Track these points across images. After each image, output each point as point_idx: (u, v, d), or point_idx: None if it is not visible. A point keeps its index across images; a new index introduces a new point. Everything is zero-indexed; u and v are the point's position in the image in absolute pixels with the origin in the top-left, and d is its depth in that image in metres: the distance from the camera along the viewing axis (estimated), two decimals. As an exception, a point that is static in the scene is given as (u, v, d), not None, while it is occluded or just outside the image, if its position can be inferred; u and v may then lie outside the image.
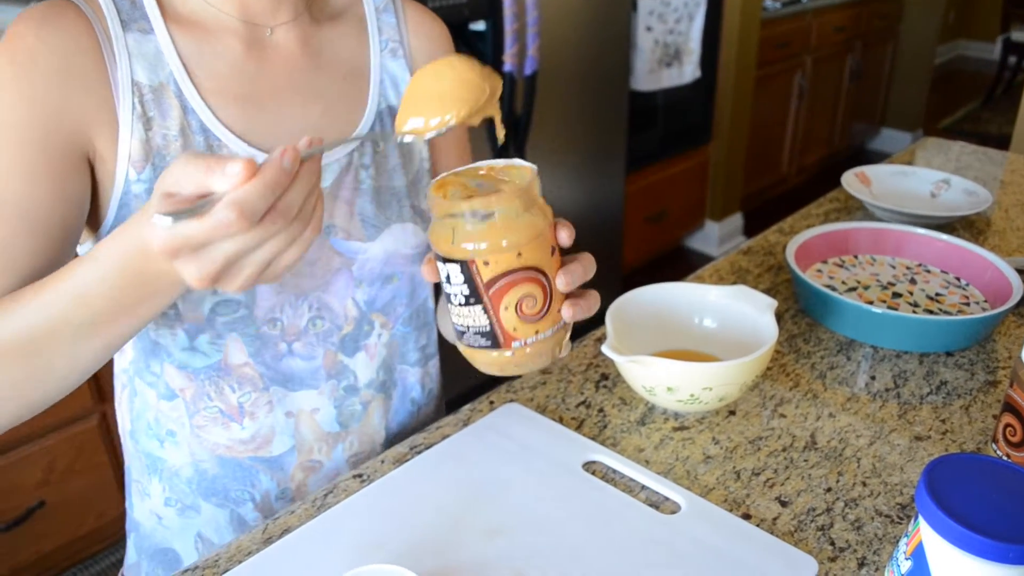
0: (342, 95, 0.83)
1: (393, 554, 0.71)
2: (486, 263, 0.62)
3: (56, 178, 0.70)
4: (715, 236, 3.65)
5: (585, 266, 0.67)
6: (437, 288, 0.74)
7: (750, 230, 3.79)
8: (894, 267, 1.18)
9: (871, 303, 1.08)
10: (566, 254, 0.68)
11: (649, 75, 2.96)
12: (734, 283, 1.17)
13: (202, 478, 0.85)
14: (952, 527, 0.59)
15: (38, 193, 0.70)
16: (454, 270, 0.63)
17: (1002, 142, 2.94)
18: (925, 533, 0.62)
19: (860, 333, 1.03)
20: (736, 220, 3.74)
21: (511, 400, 0.92)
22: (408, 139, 0.64)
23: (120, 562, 2.09)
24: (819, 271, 1.17)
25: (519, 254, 0.62)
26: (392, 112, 0.86)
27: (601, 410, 0.90)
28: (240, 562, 0.72)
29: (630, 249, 3.18)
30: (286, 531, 0.75)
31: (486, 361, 0.67)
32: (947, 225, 1.36)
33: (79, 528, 1.96)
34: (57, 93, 0.70)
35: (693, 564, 0.70)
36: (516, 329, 0.64)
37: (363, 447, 0.90)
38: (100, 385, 1.89)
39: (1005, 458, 0.79)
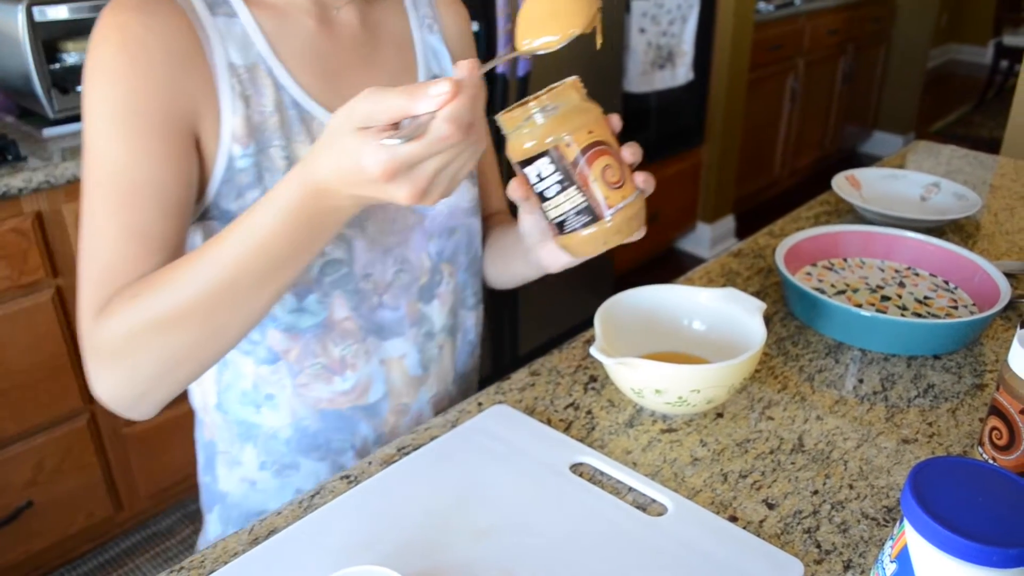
0: (397, 66, 0.91)
1: (380, 555, 0.71)
2: (567, 144, 0.71)
3: (178, 159, 0.75)
4: (707, 238, 3.66)
5: (636, 147, 0.75)
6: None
7: (742, 232, 3.80)
8: (883, 270, 1.19)
9: (860, 306, 1.09)
10: None
11: (642, 77, 2.97)
12: (724, 285, 1.17)
13: (302, 435, 0.91)
14: (937, 530, 0.59)
15: (166, 175, 0.74)
16: (543, 163, 0.72)
17: (993, 146, 2.95)
18: (910, 536, 0.62)
19: (848, 336, 1.03)
20: (728, 222, 3.74)
21: (499, 402, 0.92)
22: (541, 52, 0.70)
23: (110, 562, 2.09)
24: (808, 274, 1.17)
25: (590, 131, 0.71)
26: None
27: (589, 412, 0.91)
28: (226, 563, 0.72)
29: (621, 251, 3.18)
30: (272, 532, 0.75)
31: (589, 238, 0.74)
32: (937, 229, 1.36)
33: (68, 528, 1.95)
34: (169, 78, 0.74)
35: (679, 566, 0.70)
36: (607, 197, 0.72)
37: (440, 388, 0.99)
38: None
39: (991, 461, 0.79)
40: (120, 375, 0.73)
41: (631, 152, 0.74)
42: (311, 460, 0.93)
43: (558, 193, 0.72)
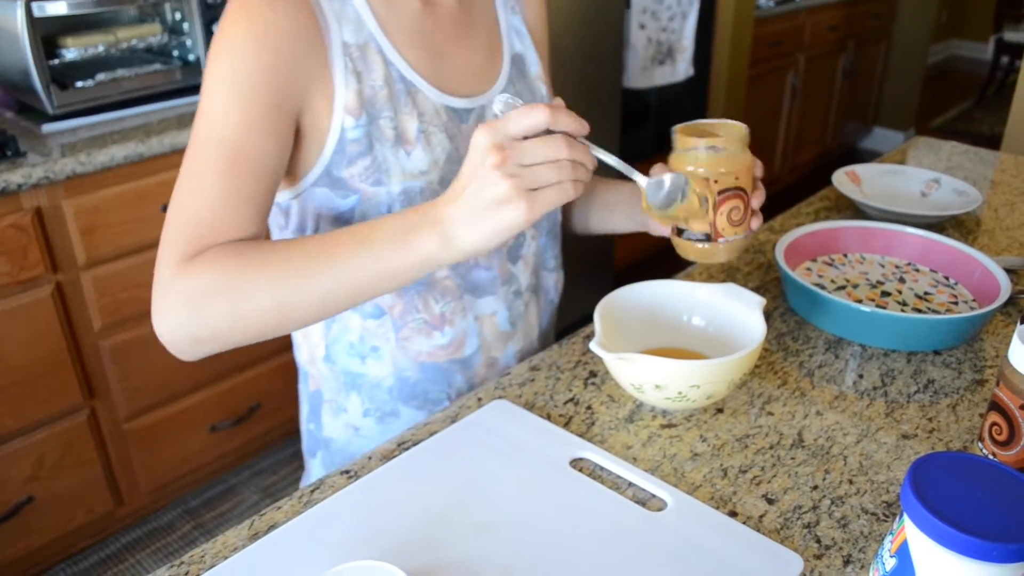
0: (488, 43, 0.98)
1: (380, 550, 0.71)
2: (715, 181, 0.84)
3: (282, 136, 0.82)
4: (707, 234, 3.66)
5: (761, 194, 0.89)
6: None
7: (742, 228, 3.79)
8: (883, 266, 1.19)
9: (860, 302, 1.09)
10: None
11: (642, 73, 2.96)
12: (724, 281, 1.17)
13: (403, 385, 0.98)
14: (936, 525, 0.59)
15: (269, 149, 0.81)
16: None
17: (994, 142, 2.94)
18: (910, 531, 0.62)
19: (848, 331, 1.03)
20: (728, 218, 3.74)
21: (499, 397, 0.92)
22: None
23: (110, 557, 2.09)
24: (808, 269, 1.17)
25: (736, 177, 0.85)
26: (519, 60, 1.02)
27: (589, 407, 0.91)
28: (226, 558, 0.72)
29: (621, 247, 3.18)
30: (272, 527, 0.75)
31: (697, 251, 0.89)
32: (937, 224, 1.36)
33: (68, 524, 1.95)
34: (291, 60, 0.81)
35: (679, 561, 0.70)
36: (724, 230, 0.86)
37: (525, 343, 1.06)
38: (90, 381, 1.89)
39: (991, 457, 0.79)
40: (186, 320, 0.78)
41: (757, 201, 0.88)
42: (410, 408, 1.00)
43: None
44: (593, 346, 0.83)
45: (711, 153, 0.84)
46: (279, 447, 2.44)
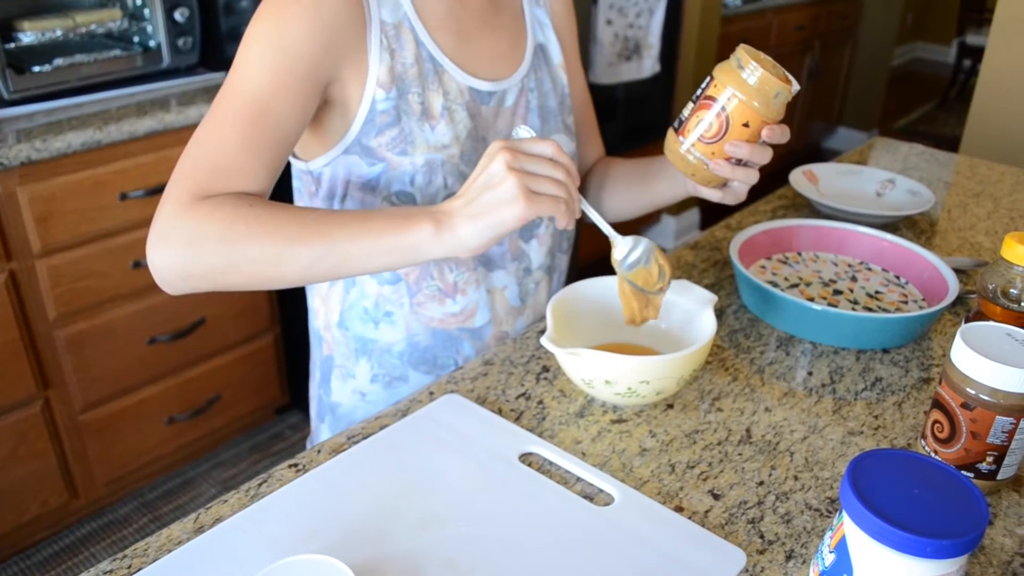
0: (513, 31, 1.04)
1: (326, 544, 0.71)
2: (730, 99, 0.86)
3: (306, 105, 0.86)
4: (671, 230, 3.68)
5: (757, 150, 0.90)
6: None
7: (707, 225, 3.82)
8: (836, 264, 1.20)
9: (812, 300, 1.10)
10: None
11: (608, 68, 2.97)
12: (679, 278, 1.17)
13: (414, 350, 1.04)
14: (872, 521, 0.60)
15: (293, 113, 0.85)
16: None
17: (956, 143, 2.99)
18: (848, 527, 0.63)
19: (799, 329, 1.04)
20: (693, 215, 3.76)
21: (451, 391, 0.92)
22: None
23: (65, 550, 2.06)
24: (763, 267, 1.18)
25: (731, 97, 0.85)
26: (542, 48, 1.07)
27: (541, 402, 0.91)
28: (170, 551, 0.71)
29: (586, 242, 3.19)
30: (218, 520, 0.75)
31: (670, 147, 0.91)
32: (891, 224, 1.38)
33: (21, 516, 1.93)
34: (332, 34, 0.85)
35: (623, 556, 0.70)
36: (693, 145, 0.88)
37: (535, 320, 1.11)
38: (44, 372, 1.86)
39: (933, 454, 0.81)
40: (182, 257, 0.80)
41: (735, 148, 0.88)
42: (419, 373, 1.05)
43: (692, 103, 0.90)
44: (544, 341, 0.83)
45: (738, 70, 0.85)
46: (238, 439, 2.42)
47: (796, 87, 0.86)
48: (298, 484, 0.78)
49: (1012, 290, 0.84)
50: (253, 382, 2.29)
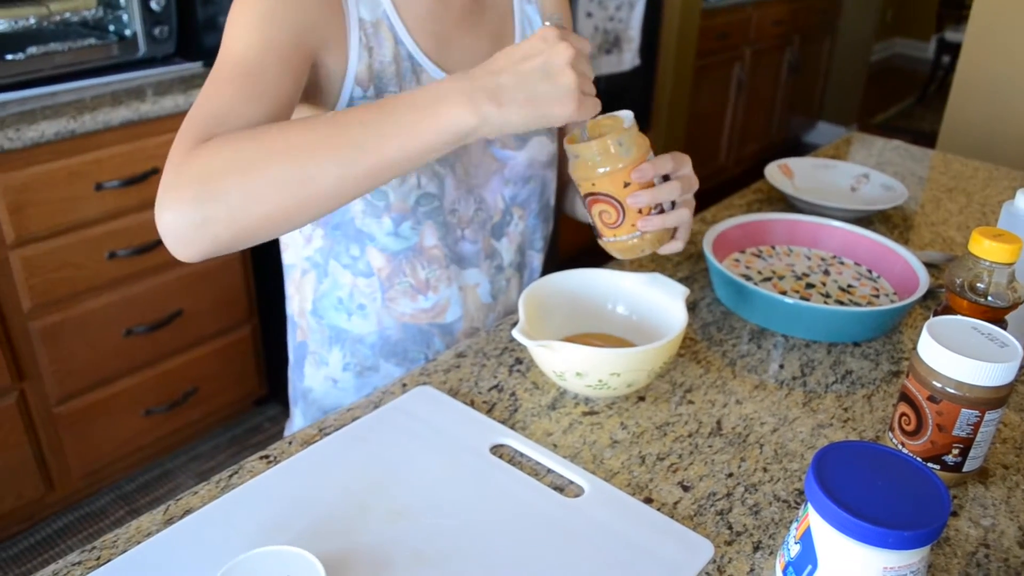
0: (499, 31, 1.03)
1: (296, 535, 0.71)
2: (579, 185, 0.88)
3: (297, 73, 0.85)
4: (652, 224, 3.68)
5: (641, 196, 0.86)
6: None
7: (687, 219, 3.82)
8: (809, 258, 1.21)
9: (784, 293, 1.11)
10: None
11: (589, 62, 2.97)
12: (654, 270, 1.18)
13: (385, 343, 1.05)
14: (835, 512, 0.61)
15: (285, 80, 0.83)
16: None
17: (935, 139, 3.01)
18: (813, 518, 0.64)
19: (772, 322, 1.05)
20: (673, 208, 3.77)
21: (424, 383, 0.92)
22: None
23: (40, 543, 2.05)
24: (737, 260, 1.19)
25: (593, 184, 0.86)
26: None
27: (513, 394, 0.91)
28: (139, 543, 0.71)
29: (566, 235, 3.20)
30: (188, 512, 0.74)
31: (611, 245, 0.91)
32: (865, 218, 1.39)
33: (-6, 508, 1.91)
34: (315, 12, 0.86)
35: (591, 547, 0.71)
36: (603, 230, 0.89)
37: (507, 315, 1.11)
38: (19, 363, 1.85)
39: (900, 446, 0.82)
40: (192, 197, 0.71)
41: (635, 200, 0.86)
42: (390, 364, 1.06)
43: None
44: (515, 333, 0.83)
45: (574, 160, 0.87)
46: (216, 432, 2.41)
47: (628, 118, 0.88)
48: (269, 476, 0.78)
49: (979, 284, 0.85)
50: (231, 374, 2.28)
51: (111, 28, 2.06)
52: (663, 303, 0.94)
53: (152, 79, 2.01)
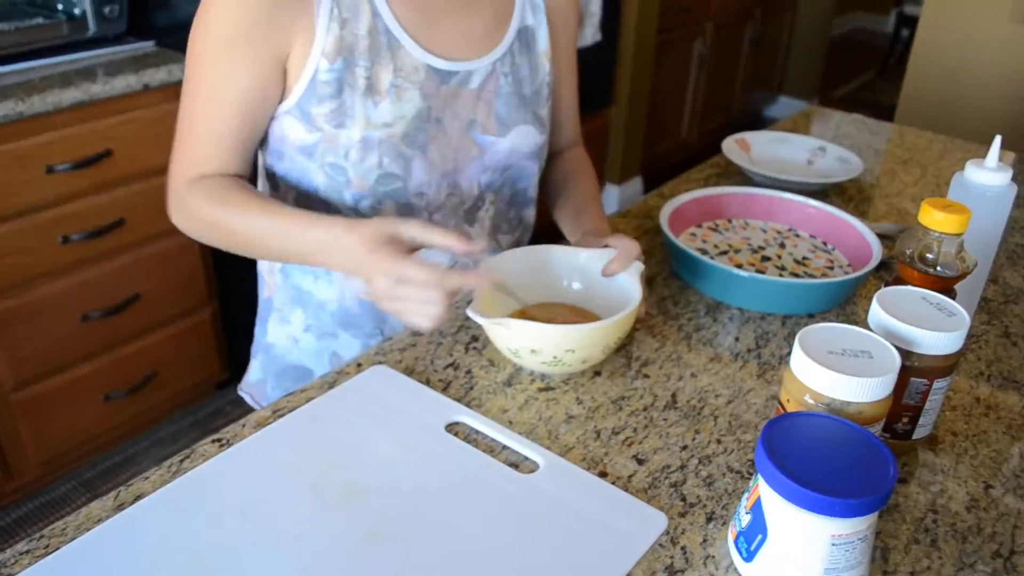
0: (496, 10, 1.00)
1: (249, 520, 0.70)
2: None
3: (262, 80, 0.89)
4: (615, 199, 3.69)
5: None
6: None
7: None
8: (765, 231, 1.22)
9: (740, 266, 1.11)
10: None
11: (549, 38, 2.95)
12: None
13: (344, 314, 1.06)
14: (784, 482, 0.61)
15: (248, 92, 0.89)
16: None
17: (895, 112, 3.04)
18: (762, 488, 0.64)
19: (727, 296, 1.05)
20: (636, 184, 3.78)
21: (379, 362, 0.92)
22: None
23: (1, 532, 2.03)
24: (693, 235, 1.19)
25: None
26: (527, 32, 1.03)
27: (469, 372, 0.91)
28: (88, 530, 0.70)
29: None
30: (139, 497, 0.74)
31: None
32: (821, 191, 1.40)
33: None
34: (274, 9, 0.86)
35: (546, 521, 0.71)
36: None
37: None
38: (-30, 349, 1.81)
39: (851, 415, 0.82)
40: (188, 230, 0.96)
41: None
42: (347, 334, 1.07)
43: None
44: (469, 311, 0.83)
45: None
46: (178, 416, 2.39)
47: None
48: (221, 459, 0.77)
49: (928, 255, 0.85)
50: (191, 358, 2.26)
51: (59, 7, 2.01)
52: (617, 279, 0.94)
53: (103, 59, 1.97)
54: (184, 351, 2.24)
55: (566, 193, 1.14)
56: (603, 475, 0.78)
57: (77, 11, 1.98)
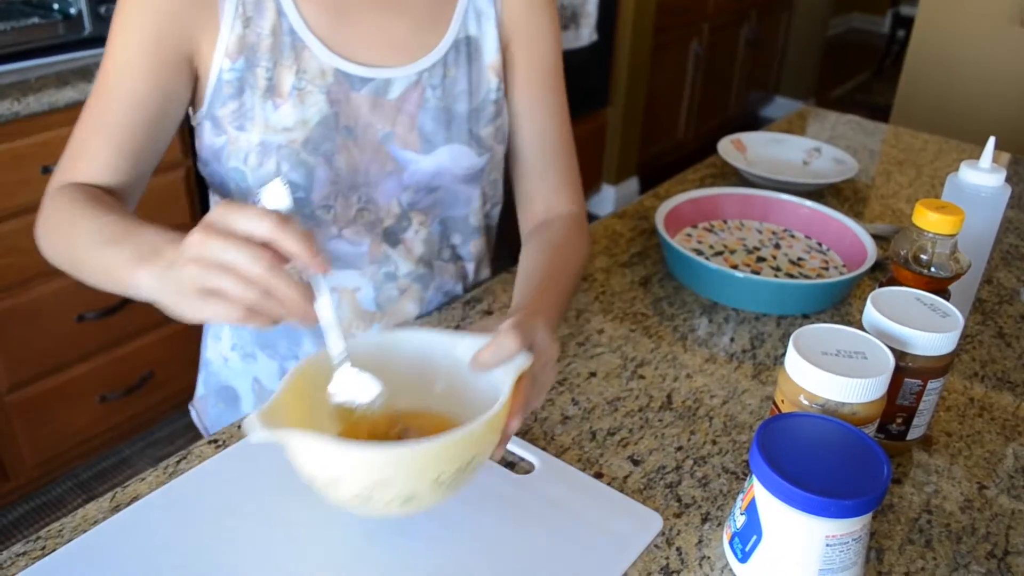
0: (428, 16, 0.92)
1: (245, 520, 0.70)
2: None
3: (164, 78, 0.85)
4: (612, 199, 3.70)
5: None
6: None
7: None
8: (761, 232, 1.22)
9: (736, 267, 1.12)
10: None
11: (546, 38, 2.95)
12: (607, 247, 1.18)
13: (259, 334, 1.02)
14: (778, 483, 0.62)
15: (147, 88, 0.84)
16: None
17: (889, 112, 3.05)
18: (757, 489, 0.65)
19: (723, 296, 1.06)
20: (632, 184, 3.79)
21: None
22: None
23: (2, 530, 2.02)
24: (689, 235, 1.19)
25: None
26: (469, 43, 0.94)
27: (465, 373, 0.91)
28: (85, 531, 0.70)
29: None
30: (135, 499, 0.74)
31: None
32: (817, 192, 1.40)
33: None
34: (177, 6, 0.83)
35: (542, 523, 0.71)
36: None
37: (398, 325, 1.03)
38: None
39: (846, 416, 0.83)
40: (39, 241, 0.87)
41: None
42: (265, 356, 1.03)
43: None
44: (250, 419, 0.59)
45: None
46: (174, 417, 2.39)
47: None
48: (218, 460, 0.77)
49: (922, 255, 0.86)
50: (187, 359, 2.26)
51: (55, 6, 2.01)
52: (492, 375, 0.69)
53: (99, 59, 1.96)
54: (180, 352, 2.23)
55: (527, 262, 0.95)
56: (599, 476, 0.78)
57: (73, 11, 1.97)
